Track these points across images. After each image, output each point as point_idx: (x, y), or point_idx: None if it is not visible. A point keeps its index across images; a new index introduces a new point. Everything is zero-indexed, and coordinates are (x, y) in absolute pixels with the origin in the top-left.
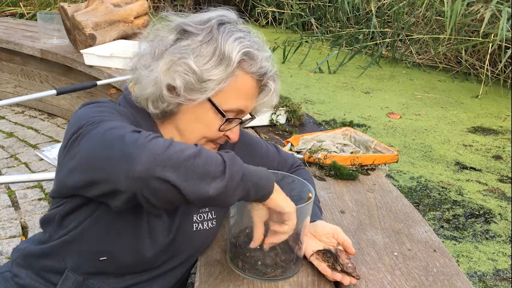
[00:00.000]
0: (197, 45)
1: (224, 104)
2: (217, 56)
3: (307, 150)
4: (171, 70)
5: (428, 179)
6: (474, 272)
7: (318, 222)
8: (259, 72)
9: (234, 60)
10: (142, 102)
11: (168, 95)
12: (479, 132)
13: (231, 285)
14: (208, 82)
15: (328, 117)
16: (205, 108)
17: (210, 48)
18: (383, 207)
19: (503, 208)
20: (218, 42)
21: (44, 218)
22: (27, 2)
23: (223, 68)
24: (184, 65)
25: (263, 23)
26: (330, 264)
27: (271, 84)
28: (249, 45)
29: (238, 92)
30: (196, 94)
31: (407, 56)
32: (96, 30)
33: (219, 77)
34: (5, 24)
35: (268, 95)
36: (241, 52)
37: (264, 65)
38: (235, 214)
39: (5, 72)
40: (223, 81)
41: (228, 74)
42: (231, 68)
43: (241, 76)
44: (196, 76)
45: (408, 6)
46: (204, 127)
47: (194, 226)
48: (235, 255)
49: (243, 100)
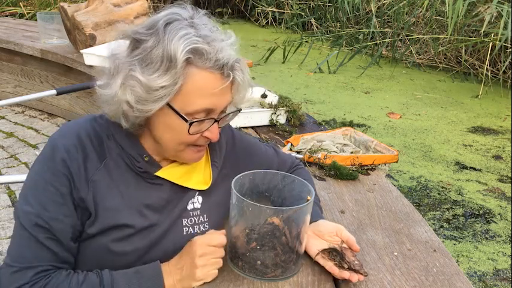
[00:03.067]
0: (147, 53)
1: (188, 106)
2: (165, 60)
3: (307, 150)
4: (125, 84)
5: (428, 179)
6: (474, 272)
7: (321, 222)
8: (217, 65)
9: (179, 60)
10: (115, 119)
11: (128, 109)
12: (479, 132)
13: (231, 285)
14: (159, 90)
15: (328, 117)
16: (169, 115)
17: (158, 52)
18: (383, 207)
19: (503, 208)
20: (164, 44)
21: None
22: (27, 2)
23: (171, 70)
24: (132, 78)
25: (263, 23)
26: (336, 262)
27: (236, 74)
28: (195, 41)
29: (200, 91)
30: (149, 105)
31: (407, 56)
32: (96, 30)
33: (168, 83)
34: (5, 24)
35: (240, 87)
36: (186, 50)
37: (221, 57)
38: (235, 214)
39: (5, 72)
40: (174, 85)
41: (177, 76)
42: (179, 69)
43: (197, 74)
44: (144, 87)
45: (408, 6)
46: (175, 134)
47: (184, 230)
48: (235, 255)
49: (208, 98)
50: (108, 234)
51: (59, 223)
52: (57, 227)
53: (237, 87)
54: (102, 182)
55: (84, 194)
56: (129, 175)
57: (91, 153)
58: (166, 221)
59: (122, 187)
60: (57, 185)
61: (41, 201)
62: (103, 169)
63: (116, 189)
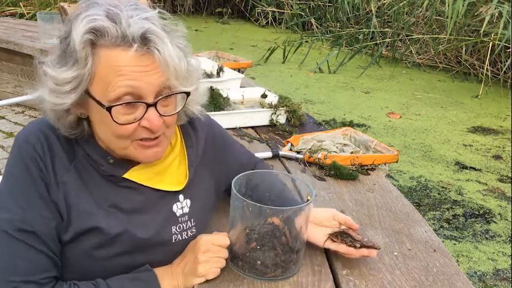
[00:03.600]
0: (63, 48)
1: (107, 92)
2: (69, 51)
3: (307, 150)
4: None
5: (428, 179)
6: (474, 271)
7: (315, 210)
8: (125, 40)
9: (79, 43)
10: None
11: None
12: (479, 132)
13: (231, 285)
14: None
15: (328, 117)
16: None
17: (69, 44)
18: (383, 207)
19: (503, 208)
20: (71, 33)
21: None
22: (27, 2)
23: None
24: (45, 74)
25: (263, 23)
26: (349, 243)
27: (153, 46)
28: (94, 19)
29: (114, 71)
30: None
31: (407, 56)
32: None
33: (78, 72)
34: (5, 24)
35: (163, 60)
36: (85, 31)
37: (130, 31)
38: (235, 214)
39: (5, 72)
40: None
41: (83, 61)
42: (82, 53)
43: (106, 54)
44: (54, 79)
45: (408, 6)
46: (108, 128)
47: (173, 238)
48: (235, 255)
49: (126, 79)
50: (84, 239)
51: (45, 226)
52: (44, 230)
53: (163, 62)
54: (73, 184)
55: (55, 197)
56: (97, 177)
57: (59, 152)
58: (151, 227)
59: (93, 189)
60: (36, 186)
61: (22, 205)
62: (73, 170)
63: (87, 192)
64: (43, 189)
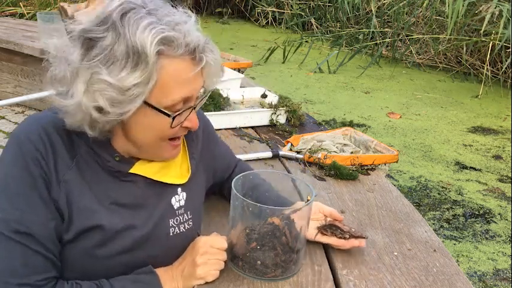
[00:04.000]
0: (107, 52)
1: (165, 99)
2: (132, 55)
3: (307, 150)
4: (91, 90)
5: (428, 179)
6: (474, 271)
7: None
8: (188, 50)
9: (151, 54)
10: (79, 128)
11: (99, 116)
12: (479, 132)
13: (231, 285)
14: (132, 89)
15: (328, 117)
16: (147, 113)
17: (121, 48)
18: (383, 207)
19: (503, 208)
20: (127, 38)
21: None
22: (27, 2)
23: (143, 66)
24: (100, 81)
25: (263, 23)
26: (339, 235)
27: (207, 56)
28: (162, 29)
29: (173, 81)
30: (124, 106)
31: (407, 56)
32: None
33: (141, 79)
34: (5, 24)
35: (213, 67)
36: (156, 42)
37: (190, 41)
38: (235, 214)
39: (5, 72)
40: (149, 81)
41: (151, 71)
42: (151, 64)
43: (170, 64)
44: (116, 88)
45: (408, 6)
46: (155, 132)
47: (171, 231)
48: (235, 255)
49: (186, 87)
50: (86, 237)
51: (43, 227)
52: (41, 232)
53: (209, 69)
54: (74, 181)
55: (56, 196)
56: (100, 173)
57: (61, 150)
58: (149, 222)
59: (94, 186)
60: (35, 187)
61: (19, 206)
62: (75, 167)
63: (88, 189)
64: (43, 189)
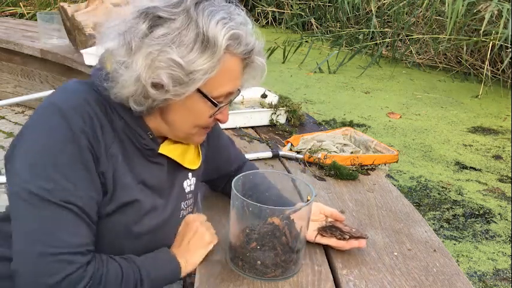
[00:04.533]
0: (176, 34)
1: (214, 90)
2: (200, 43)
3: (307, 150)
4: (154, 66)
5: (428, 179)
6: (474, 272)
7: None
8: (246, 50)
9: (221, 46)
10: (123, 101)
11: (154, 92)
12: (479, 132)
13: (231, 285)
14: (194, 73)
15: (328, 117)
16: (194, 99)
17: (191, 34)
18: (383, 207)
19: (503, 208)
20: (199, 26)
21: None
22: (27, 2)
23: (209, 55)
24: (167, 59)
25: (263, 23)
26: (338, 236)
27: (258, 59)
28: (233, 26)
29: (226, 75)
30: (184, 88)
31: (407, 56)
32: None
33: (205, 66)
34: (5, 24)
35: (258, 70)
36: (227, 36)
37: (250, 41)
38: (235, 214)
39: (5, 72)
40: (211, 70)
41: (215, 62)
42: (219, 55)
43: (228, 59)
44: (183, 69)
45: (408, 6)
46: (194, 117)
47: (181, 214)
48: (235, 255)
49: (233, 83)
50: (123, 212)
51: (90, 201)
52: (88, 205)
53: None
54: (118, 156)
55: (105, 169)
56: (133, 151)
57: (105, 123)
58: (169, 205)
59: (130, 163)
60: (82, 158)
61: (68, 177)
62: (116, 142)
63: (127, 165)
64: (91, 162)
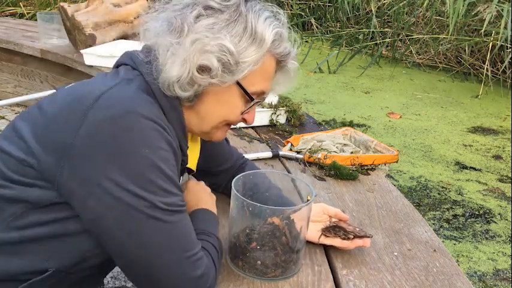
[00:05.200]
0: (224, 24)
1: (251, 86)
2: (248, 35)
3: (307, 150)
4: (203, 50)
5: (428, 179)
6: (474, 272)
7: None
8: (284, 53)
9: (268, 42)
10: (169, 87)
11: (200, 76)
12: (479, 132)
13: (231, 285)
14: (241, 63)
15: (328, 117)
16: (231, 91)
17: (239, 27)
18: (383, 207)
19: (503, 208)
20: (248, 21)
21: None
22: (27, 2)
23: (256, 48)
24: (219, 44)
25: None
26: (342, 236)
27: (292, 64)
28: (278, 25)
29: (263, 74)
30: (230, 75)
31: (407, 56)
32: (96, 30)
33: (252, 58)
34: (5, 24)
35: (287, 76)
36: (273, 32)
37: (287, 45)
38: (235, 214)
39: (5, 72)
40: (255, 63)
41: (261, 56)
42: (264, 50)
43: (267, 58)
44: (233, 57)
45: (408, 6)
46: (227, 111)
47: None
48: (235, 255)
49: (267, 82)
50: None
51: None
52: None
53: (284, 76)
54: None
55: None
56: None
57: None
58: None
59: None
60: (176, 164)
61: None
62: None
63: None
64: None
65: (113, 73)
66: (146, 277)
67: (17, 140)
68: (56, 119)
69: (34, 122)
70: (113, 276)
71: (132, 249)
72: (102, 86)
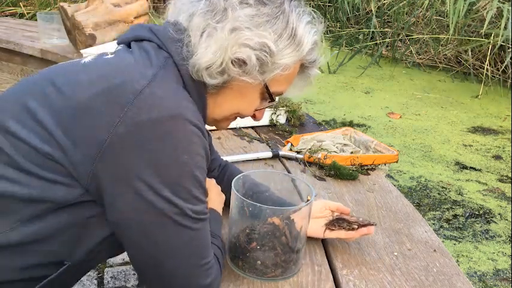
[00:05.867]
0: (265, 19)
1: (273, 86)
2: (288, 36)
3: (307, 150)
4: (244, 43)
5: (428, 179)
6: (474, 272)
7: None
8: (310, 59)
9: (305, 49)
10: (198, 72)
11: (234, 68)
12: (479, 132)
13: (231, 285)
14: (276, 65)
15: (328, 117)
16: (255, 88)
17: (279, 24)
18: (383, 207)
19: (503, 208)
20: (290, 21)
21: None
22: (27, 2)
23: (293, 51)
24: (262, 44)
25: None
26: (347, 227)
27: (314, 72)
28: (317, 32)
29: (289, 76)
30: (262, 75)
31: (407, 56)
32: (96, 30)
33: (287, 61)
34: (5, 24)
35: (306, 82)
36: (312, 41)
37: (316, 53)
38: (235, 214)
39: (5, 72)
40: (288, 68)
41: (295, 61)
42: (300, 56)
43: (297, 62)
44: (272, 57)
45: (408, 6)
46: (244, 104)
47: None
48: (235, 255)
49: (287, 85)
50: None
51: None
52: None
53: (303, 81)
54: None
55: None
56: None
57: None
58: None
59: None
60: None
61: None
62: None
63: None
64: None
65: (142, 54)
66: (158, 280)
67: (35, 126)
68: (87, 110)
69: (55, 108)
70: (113, 276)
71: (151, 252)
72: (139, 77)
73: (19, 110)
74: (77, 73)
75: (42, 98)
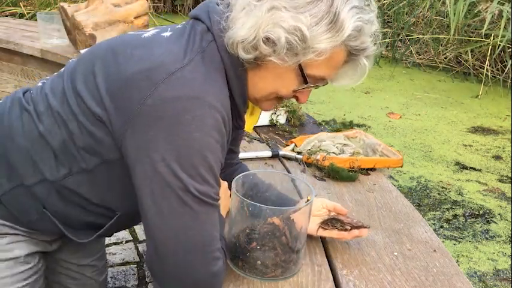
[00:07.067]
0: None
1: (310, 68)
2: (328, 20)
3: (306, 151)
4: (277, 24)
5: (428, 179)
6: (474, 272)
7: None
8: (359, 47)
9: (344, 34)
10: (233, 45)
11: (264, 46)
12: (479, 132)
13: (231, 285)
14: (309, 50)
15: (328, 117)
16: (289, 68)
17: (322, 7)
18: (383, 207)
19: (503, 208)
20: (334, 5)
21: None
22: (27, 2)
23: (331, 36)
24: (295, 27)
25: None
26: (340, 228)
27: (364, 61)
28: (362, 18)
29: (329, 62)
30: (292, 58)
31: (407, 56)
32: (96, 30)
33: (322, 47)
34: (5, 24)
35: (357, 71)
36: (353, 25)
37: (365, 41)
38: (235, 214)
39: (5, 72)
40: (324, 53)
41: (332, 46)
42: (338, 42)
43: (340, 50)
44: (304, 42)
45: (408, 6)
46: (279, 85)
47: None
48: (235, 255)
49: (329, 70)
50: None
51: None
52: None
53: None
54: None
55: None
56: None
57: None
58: None
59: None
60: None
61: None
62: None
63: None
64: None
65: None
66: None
67: (93, 89)
68: (129, 82)
69: (109, 75)
70: (113, 276)
71: (158, 224)
72: (176, 60)
73: (88, 72)
74: (134, 47)
75: (103, 63)
